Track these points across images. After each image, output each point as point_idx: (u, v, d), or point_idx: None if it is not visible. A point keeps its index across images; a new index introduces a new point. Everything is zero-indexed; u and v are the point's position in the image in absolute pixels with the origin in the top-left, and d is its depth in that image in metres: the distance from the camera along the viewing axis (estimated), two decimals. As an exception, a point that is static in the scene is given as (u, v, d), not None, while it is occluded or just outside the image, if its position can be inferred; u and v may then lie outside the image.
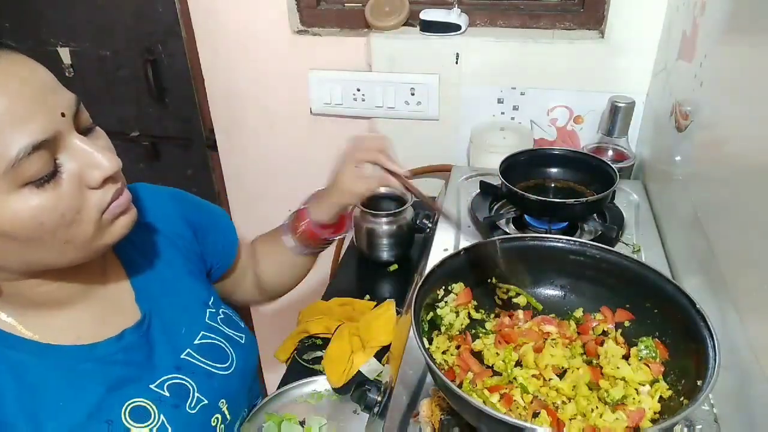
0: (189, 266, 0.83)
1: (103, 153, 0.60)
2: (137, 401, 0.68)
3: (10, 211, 0.54)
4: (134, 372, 0.70)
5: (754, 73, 0.75)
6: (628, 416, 0.64)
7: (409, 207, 1.29)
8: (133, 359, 0.70)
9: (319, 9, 1.50)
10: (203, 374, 0.76)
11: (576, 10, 1.38)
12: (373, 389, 0.86)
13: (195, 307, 0.81)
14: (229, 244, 0.94)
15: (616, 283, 0.79)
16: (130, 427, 0.66)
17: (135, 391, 0.69)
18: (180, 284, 0.80)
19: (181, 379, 0.73)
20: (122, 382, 0.68)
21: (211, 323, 0.82)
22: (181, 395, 0.72)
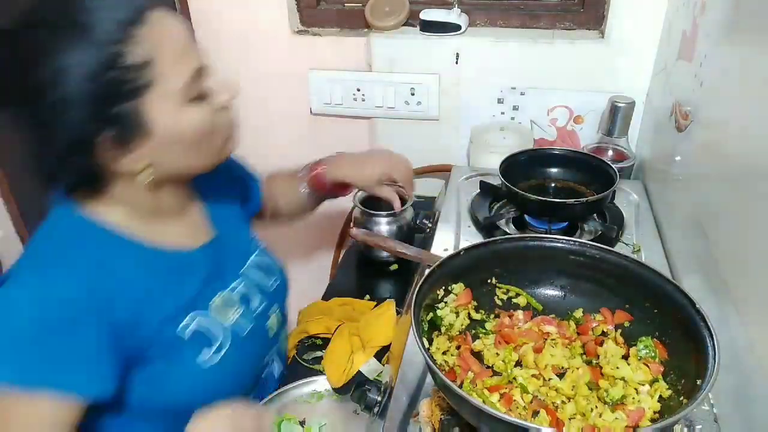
0: (239, 205, 1.04)
1: (225, 84, 0.79)
2: (219, 299, 0.86)
3: (184, 120, 0.73)
4: (215, 275, 0.88)
5: (754, 73, 0.75)
6: (628, 416, 0.64)
7: (409, 207, 1.29)
8: (213, 266, 0.88)
9: (319, 9, 1.50)
10: (259, 286, 0.95)
11: (576, 10, 1.38)
12: (373, 389, 0.86)
13: (248, 235, 1.02)
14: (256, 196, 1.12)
15: (616, 283, 0.79)
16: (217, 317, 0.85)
17: (216, 289, 0.87)
18: (236, 217, 1.00)
19: (245, 286, 0.92)
20: (207, 283, 0.86)
21: (258, 247, 1.01)
22: (246, 299, 0.92)
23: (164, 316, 0.79)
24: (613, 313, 0.79)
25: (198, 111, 0.74)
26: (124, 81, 0.67)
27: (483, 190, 1.23)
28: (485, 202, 1.20)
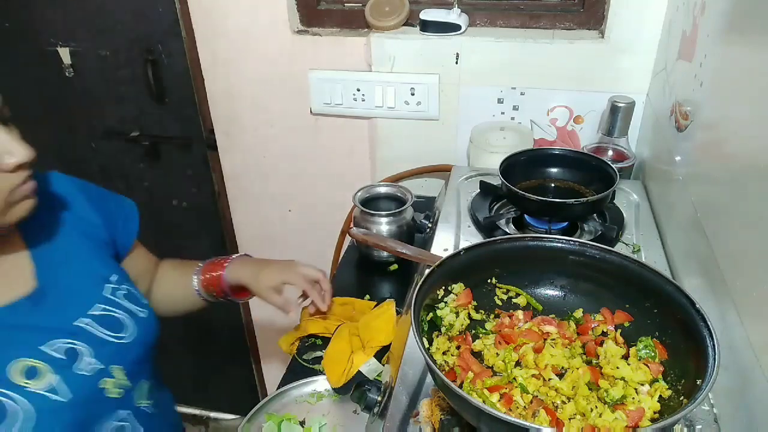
0: (93, 247, 0.89)
1: (18, 143, 0.69)
2: (24, 361, 0.73)
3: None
4: (26, 336, 0.75)
5: (754, 73, 0.75)
6: (628, 416, 0.64)
7: (409, 207, 1.30)
8: (27, 324, 0.76)
9: (319, 9, 1.50)
10: (97, 341, 0.81)
11: (576, 10, 1.38)
12: (373, 389, 0.86)
13: (94, 282, 0.86)
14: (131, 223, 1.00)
15: (616, 283, 0.79)
16: (23, 384, 0.72)
17: (24, 351, 0.74)
18: (80, 261, 0.86)
19: (71, 344, 0.78)
20: (13, 344, 0.74)
21: (111, 297, 0.86)
22: (72, 358, 0.78)
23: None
24: (613, 313, 0.79)
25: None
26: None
27: (483, 190, 1.23)
28: (485, 202, 1.20)
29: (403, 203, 1.29)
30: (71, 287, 0.83)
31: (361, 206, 1.29)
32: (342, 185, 1.64)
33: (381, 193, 1.36)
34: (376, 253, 1.33)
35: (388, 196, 1.35)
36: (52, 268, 0.81)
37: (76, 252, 0.86)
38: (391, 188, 1.36)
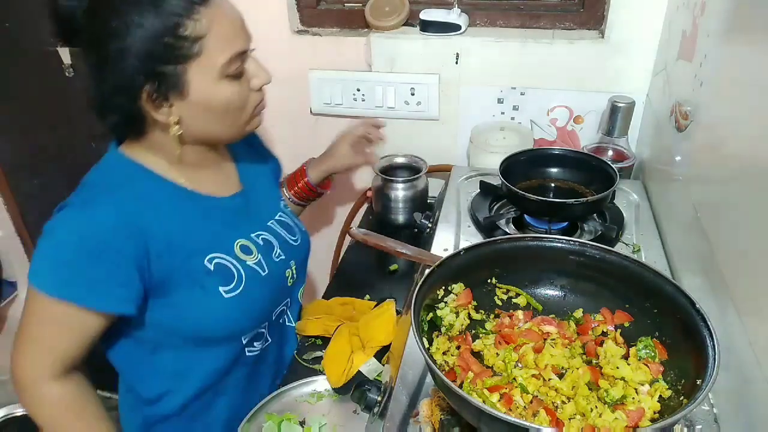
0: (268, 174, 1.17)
1: (263, 69, 0.92)
2: (243, 241, 0.98)
3: (216, 92, 0.85)
4: (241, 222, 1.01)
5: (754, 73, 0.75)
6: (628, 416, 0.64)
7: (423, 175, 1.42)
8: (240, 213, 1.01)
9: (319, 9, 1.50)
10: (282, 239, 1.07)
11: (576, 10, 1.38)
12: (373, 389, 0.86)
13: (274, 196, 1.15)
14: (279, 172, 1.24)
15: (616, 283, 0.79)
16: (240, 257, 0.96)
17: (242, 234, 0.99)
18: (264, 180, 1.13)
19: (267, 236, 1.04)
20: (234, 226, 0.98)
21: (284, 209, 1.14)
22: (269, 246, 1.03)
23: (192, 249, 0.90)
24: (613, 313, 0.79)
25: (231, 87, 0.86)
26: (175, 47, 0.79)
27: (483, 190, 1.23)
28: (485, 202, 1.20)
29: (418, 171, 1.42)
30: (262, 195, 1.09)
31: (380, 173, 1.41)
32: (342, 185, 1.64)
33: (398, 163, 1.48)
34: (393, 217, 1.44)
35: (404, 166, 1.48)
36: (249, 178, 1.07)
37: (261, 172, 1.13)
38: (406, 158, 1.48)
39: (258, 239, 1.01)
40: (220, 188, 0.99)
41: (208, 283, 0.91)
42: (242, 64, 0.87)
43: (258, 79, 0.91)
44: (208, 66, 0.82)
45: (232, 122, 0.90)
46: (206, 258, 0.92)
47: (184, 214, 0.92)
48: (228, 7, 0.85)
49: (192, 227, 0.92)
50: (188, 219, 0.92)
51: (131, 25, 0.77)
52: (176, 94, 0.83)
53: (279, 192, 1.19)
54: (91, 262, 0.81)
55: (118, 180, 0.89)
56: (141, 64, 0.79)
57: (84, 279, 0.81)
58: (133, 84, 0.80)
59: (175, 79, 0.81)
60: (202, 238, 0.93)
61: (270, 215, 1.08)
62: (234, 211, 1.00)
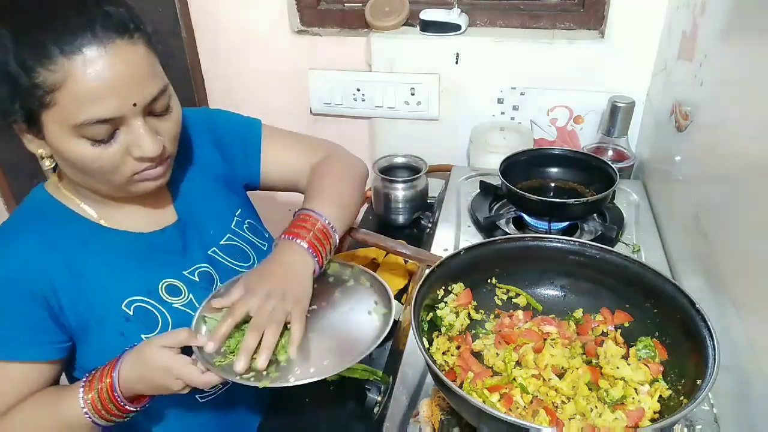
0: (219, 185, 0.99)
1: (151, 138, 0.75)
2: (170, 281, 0.86)
3: (69, 148, 0.73)
4: (171, 259, 0.88)
5: (754, 73, 0.75)
6: (628, 416, 0.64)
7: (422, 175, 1.40)
8: (172, 248, 0.89)
9: (319, 9, 1.50)
10: (226, 269, 0.93)
11: (576, 10, 1.38)
12: (373, 389, 0.86)
13: (223, 215, 0.98)
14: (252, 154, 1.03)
15: (616, 283, 0.79)
16: (166, 299, 0.85)
17: (170, 273, 0.87)
18: (209, 198, 0.96)
19: (207, 268, 0.90)
20: (160, 265, 0.87)
21: (237, 229, 0.98)
22: (208, 281, 0.90)
23: (108, 292, 0.82)
24: (613, 313, 0.79)
25: (90, 149, 0.73)
26: (27, 88, 0.69)
27: (483, 190, 1.23)
28: (485, 202, 1.20)
29: (418, 171, 1.40)
30: (203, 220, 0.94)
31: (380, 173, 1.39)
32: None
33: (398, 163, 1.46)
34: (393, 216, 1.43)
35: (404, 166, 1.46)
36: (187, 203, 0.93)
37: (204, 189, 0.96)
38: (406, 158, 1.46)
39: (193, 275, 0.88)
40: (145, 223, 0.88)
41: (128, 330, 0.82)
42: (116, 128, 0.73)
43: (138, 149, 0.75)
44: (61, 120, 0.71)
45: (104, 181, 0.78)
46: (124, 302, 0.82)
47: (99, 255, 0.82)
48: (105, 64, 0.69)
49: (108, 268, 0.82)
50: (103, 259, 0.82)
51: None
52: (35, 133, 0.74)
53: (237, 202, 1.01)
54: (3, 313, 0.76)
55: (31, 221, 0.82)
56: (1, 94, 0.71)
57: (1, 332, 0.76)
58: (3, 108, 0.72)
59: (31, 119, 0.72)
60: (120, 280, 0.83)
61: (213, 241, 0.94)
62: (161, 247, 0.88)
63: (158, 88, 0.75)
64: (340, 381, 1.00)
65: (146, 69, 0.74)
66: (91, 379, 0.78)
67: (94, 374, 0.78)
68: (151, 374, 0.75)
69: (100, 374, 0.77)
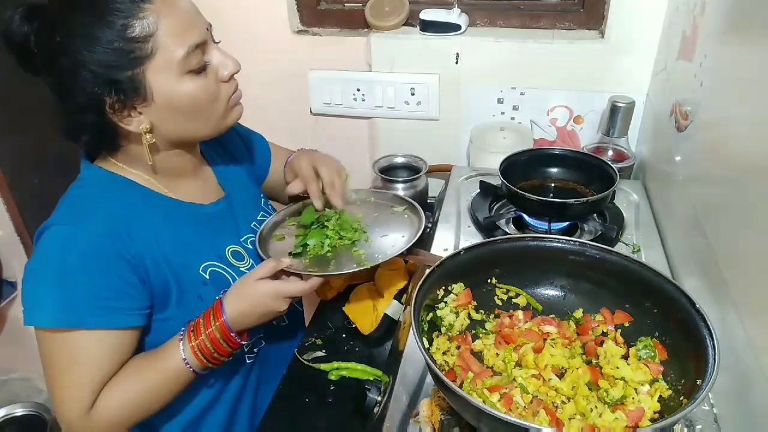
0: (246, 170, 1.11)
1: (229, 57, 0.86)
2: (234, 247, 0.97)
3: (180, 90, 0.80)
4: (228, 228, 0.98)
5: (754, 73, 0.75)
6: (628, 416, 0.64)
7: (423, 175, 1.41)
8: (227, 219, 0.98)
9: (319, 9, 1.50)
10: None
11: (576, 10, 1.38)
12: (373, 389, 0.86)
13: (255, 196, 1.10)
14: (266, 155, 1.18)
15: (616, 283, 0.79)
16: (234, 263, 0.95)
17: (232, 240, 0.97)
18: (243, 180, 1.08)
19: (255, 238, 1.00)
20: (222, 233, 0.96)
21: (266, 207, 1.10)
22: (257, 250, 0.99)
23: (186, 258, 0.88)
24: (613, 313, 0.79)
25: (196, 82, 0.81)
26: (127, 51, 0.75)
27: (483, 190, 1.23)
28: (485, 202, 1.20)
29: (418, 171, 1.41)
30: (243, 197, 1.05)
31: (381, 174, 1.40)
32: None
33: (398, 163, 1.47)
34: None
35: (404, 166, 1.47)
36: (228, 182, 1.02)
37: (238, 172, 1.07)
38: (406, 158, 1.46)
39: (247, 243, 0.99)
40: (202, 196, 0.96)
41: (206, 293, 0.89)
42: (204, 55, 0.82)
43: (225, 68, 0.85)
44: (165, 64, 0.77)
45: (206, 118, 0.85)
46: (201, 267, 0.90)
47: (172, 224, 0.88)
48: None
49: (182, 236, 0.89)
50: (177, 228, 0.89)
51: (77, 37, 0.74)
52: (140, 101, 0.79)
53: (259, 190, 1.14)
54: (95, 279, 0.78)
55: (101, 194, 0.85)
56: (96, 76, 0.75)
57: (93, 300, 0.78)
58: (93, 98, 0.77)
59: (135, 85, 0.77)
60: (194, 247, 0.90)
61: (253, 216, 1.05)
62: (220, 217, 0.97)
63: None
64: (339, 381, 1.00)
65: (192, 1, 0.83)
66: (192, 330, 0.84)
67: (192, 325, 0.85)
68: (259, 305, 0.85)
69: (204, 322, 0.84)
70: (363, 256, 0.94)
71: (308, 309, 1.24)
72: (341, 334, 1.12)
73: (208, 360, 0.84)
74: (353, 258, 0.94)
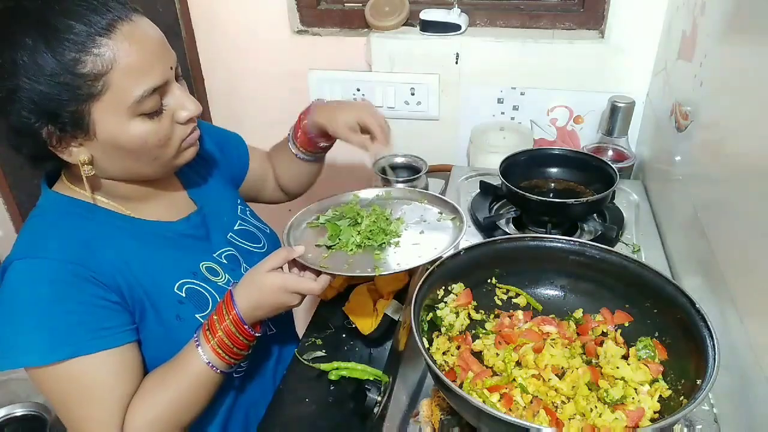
0: (221, 179, 1.06)
1: (189, 99, 0.79)
2: (208, 263, 0.91)
3: (128, 132, 0.74)
4: (201, 244, 0.93)
5: (754, 73, 0.75)
6: (628, 416, 0.64)
7: (423, 175, 1.40)
8: (198, 234, 0.93)
9: (319, 9, 1.50)
10: (245, 251, 0.99)
11: (576, 10, 1.38)
12: (373, 389, 0.86)
13: (230, 203, 1.05)
14: (243, 155, 1.14)
15: (616, 283, 0.79)
16: (210, 278, 0.89)
17: (205, 256, 0.92)
18: (217, 188, 1.03)
19: (231, 251, 0.96)
20: (196, 250, 0.91)
21: (243, 216, 1.05)
22: (235, 263, 0.95)
23: (159, 277, 0.83)
24: (613, 313, 0.79)
25: (145, 125, 0.75)
26: (74, 86, 0.69)
27: (483, 190, 1.23)
28: (485, 202, 1.20)
29: (418, 171, 1.40)
30: (218, 208, 0.99)
31: (381, 174, 1.38)
32: (342, 185, 1.64)
33: (398, 163, 1.46)
34: None
35: (404, 166, 1.46)
36: (201, 193, 0.98)
37: (212, 181, 1.02)
38: (406, 158, 1.45)
39: (221, 258, 0.94)
40: (169, 213, 0.90)
41: (183, 312, 0.84)
42: (162, 98, 0.75)
43: (184, 111, 0.78)
44: (115, 105, 0.71)
45: (153, 160, 0.79)
46: (175, 285, 0.85)
47: (139, 244, 0.84)
48: (141, 33, 0.72)
49: (151, 256, 0.84)
50: (144, 248, 0.84)
51: (21, 62, 0.67)
52: (81, 135, 0.73)
53: (236, 196, 1.08)
54: (75, 305, 0.74)
55: (60, 221, 0.80)
56: (35, 106, 0.69)
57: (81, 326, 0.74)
58: (30, 126, 0.71)
59: (77, 120, 0.71)
60: (166, 267, 0.85)
61: (229, 227, 0.99)
62: (191, 234, 0.91)
63: (174, 53, 0.78)
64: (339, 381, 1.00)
65: (163, 36, 0.77)
66: (207, 329, 0.81)
67: (207, 325, 0.82)
68: (270, 297, 0.81)
69: (218, 318, 0.81)
70: (382, 262, 0.87)
71: (308, 309, 1.24)
72: (341, 334, 1.11)
73: (229, 356, 0.81)
74: (373, 260, 0.88)
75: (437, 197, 1.02)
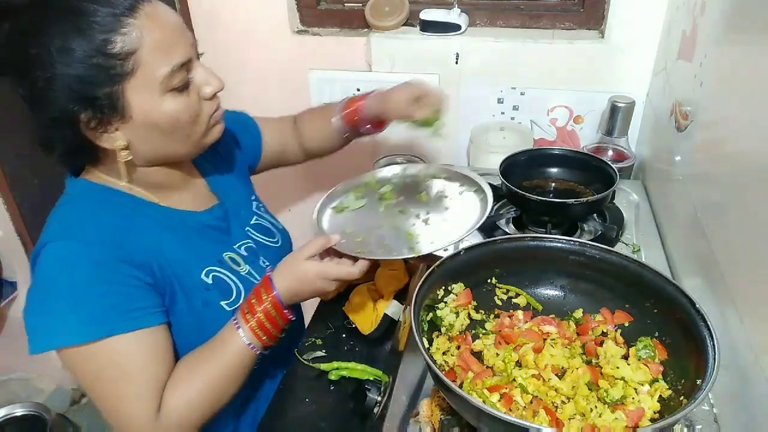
0: (237, 172, 1.09)
1: (213, 75, 0.83)
2: (230, 254, 0.94)
3: (160, 109, 0.77)
4: (223, 235, 0.96)
5: (754, 73, 0.75)
6: (628, 416, 0.64)
7: None
8: (221, 226, 0.96)
9: (319, 9, 1.50)
10: (262, 244, 1.03)
11: (576, 10, 1.38)
12: (373, 389, 0.86)
13: (246, 198, 1.08)
14: (255, 136, 1.16)
15: (616, 283, 0.79)
16: (234, 268, 0.93)
17: (227, 247, 0.95)
18: (235, 185, 1.06)
19: (250, 243, 0.99)
20: (219, 241, 0.94)
21: (257, 211, 1.08)
22: (254, 255, 0.99)
23: (187, 264, 0.87)
24: (613, 313, 0.79)
25: (177, 101, 0.78)
26: (107, 67, 0.72)
27: (483, 190, 1.23)
28: (485, 202, 1.20)
29: None
30: (236, 203, 1.03)
31: None
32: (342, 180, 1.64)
33: (398, 163, 1.41)
34: None
35: None
36: (221, 189, 1.00)
37: (230, 177, 1.06)
38: (406, 158, 1.44)
39: (241, 250, 0.97)
40: (194, 204, 0.94)
41: (210, 297, 0.87)
42: (188, 73, 0.79)
43: (209, 86, 0.82)
44: (147, 82, 0.74)
45: (185, 138, 0.82)
46: (203, 272, 0.88)
47: (168, 230, 0.86)
48: (162, 13, 0.75)
49: (180, 242, 0.87)
50: (173, 234, 0.86)
51: (54, 50, 0.70)
52: (117, 118, 0.75)
53: (249, 190, 1.11)
54: (111, 286, 0.76)
55: (92, 206, 0.82)
56: (72, 92, 0.71)
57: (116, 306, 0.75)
58: (68, 114, 0.73)
59: (113, 102, 0.74)
60: (193, 253, 0.88)
61: (246, 221, 1.03)
62: (214, 225, 0.95)
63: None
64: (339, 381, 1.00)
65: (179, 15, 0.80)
66: (246, 312, 0.84)
67: (245, 308, 0.84)
68: (308, 284, 0.85)
69: (256, 300, 0.84)
70: (416, 242, 0.89)
71: (308, 309, 1.24)
72: (341, 334, 1.11)
73: (268, 337, 0.84)
74: (406, 241, 0.90)
75: (456, 171, 1.05)
